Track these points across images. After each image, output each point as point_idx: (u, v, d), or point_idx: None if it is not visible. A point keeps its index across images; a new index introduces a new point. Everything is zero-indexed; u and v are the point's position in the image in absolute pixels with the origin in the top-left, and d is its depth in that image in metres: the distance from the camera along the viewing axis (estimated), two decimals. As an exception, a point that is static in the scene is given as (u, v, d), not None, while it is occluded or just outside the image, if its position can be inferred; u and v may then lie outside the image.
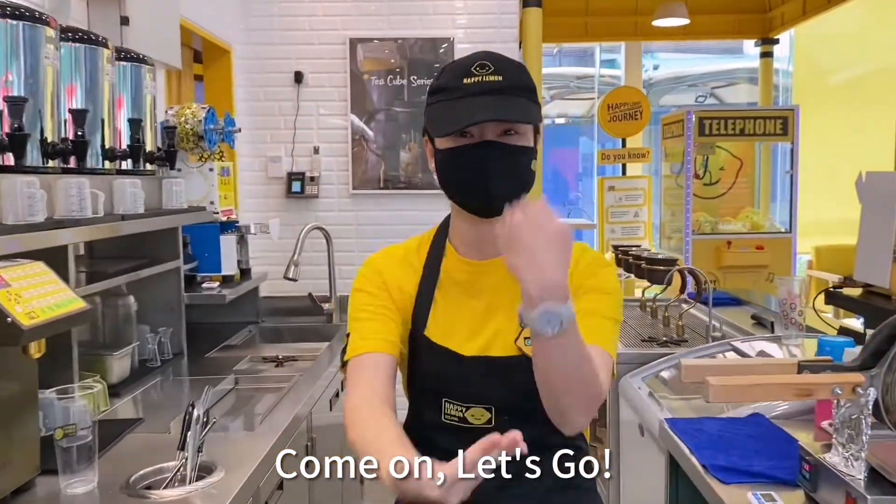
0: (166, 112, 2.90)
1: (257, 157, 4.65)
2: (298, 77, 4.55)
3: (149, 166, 2.38)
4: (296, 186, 4.61)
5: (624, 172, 6.84)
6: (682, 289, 3.23)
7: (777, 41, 6.74)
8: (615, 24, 6.73)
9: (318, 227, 3.27)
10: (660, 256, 2.93)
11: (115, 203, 2.10)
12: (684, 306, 3.04)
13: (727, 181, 6.43)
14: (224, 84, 4.47)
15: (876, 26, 7.21)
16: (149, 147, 2.37)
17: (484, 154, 1.25)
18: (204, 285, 2.81)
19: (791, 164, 5.80)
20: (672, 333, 2.93)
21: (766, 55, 6.83)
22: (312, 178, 4.59)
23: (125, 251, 2.38)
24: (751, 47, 12.74)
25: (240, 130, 3.11)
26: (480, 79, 1.25)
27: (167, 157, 2.40)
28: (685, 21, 5.89)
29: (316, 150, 4.61)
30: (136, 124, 2.17)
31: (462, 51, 4.48)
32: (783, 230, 5.92)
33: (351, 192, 4.60)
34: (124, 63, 2.27)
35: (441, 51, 4.53)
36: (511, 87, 1.25)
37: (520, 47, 4.59)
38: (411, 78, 4.55)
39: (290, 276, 2.92)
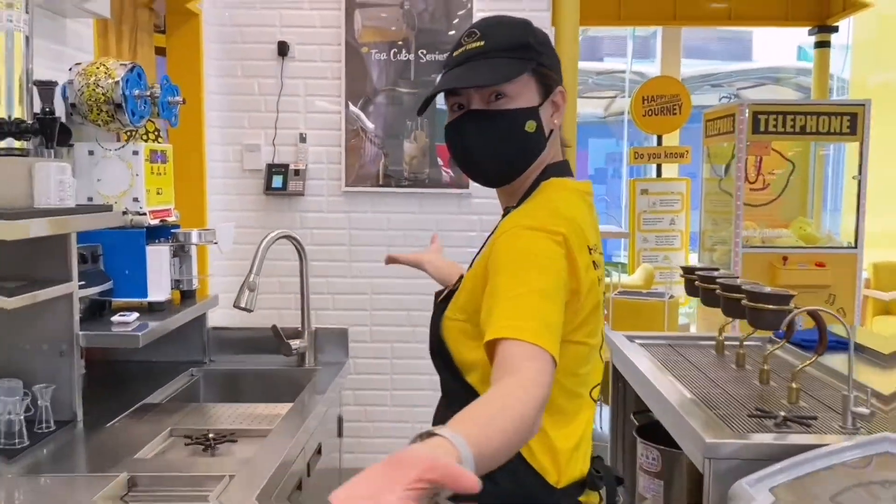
0: (69, 69, 2.07)
1: (230, 145, 3.83)
2: (283, 49, 3.73)
3: (14, 143, 1.55)
4: (277, 181, 3.78)
5: (659, 174, 6.01)
6: (790, 332, 2.37)
7: (836, 29, 5.92)
8: (651, 7, 5.90)
9: (286, 236, 2.43)
10: (767, 290, 2.09)
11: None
12: (789, 357, 2.21)
13: (776, 187, 5.60)
14: (191, 57, 3.65)
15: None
16: (14, 112, 1.55)
17: (464, 126, 1.28)
18: (116, 318, 1.98)
19: (859, 167, 4.96)
20: (780, 397, 2.10)
21: (822, 45, 6.00)
22: (297, 172, 3.77)
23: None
24: (777, 46, 12.00)
25: (184, 102, 2.29)
26: (465, 48, 1.28)
27: (41, 129, 1.57)
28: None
29: (302, 139, 3.79)
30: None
31: (482, 17, 3.65)
32: (846, 245, 5.09)
33: (343, 189, 3.78)
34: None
35: (456, 20, 3.70)
36: (493, 49, 1.25)
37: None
38: (419, 52, 3.72)
39: (244, 304, 2.09)
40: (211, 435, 1.75)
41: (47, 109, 1.59)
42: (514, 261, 1.16)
